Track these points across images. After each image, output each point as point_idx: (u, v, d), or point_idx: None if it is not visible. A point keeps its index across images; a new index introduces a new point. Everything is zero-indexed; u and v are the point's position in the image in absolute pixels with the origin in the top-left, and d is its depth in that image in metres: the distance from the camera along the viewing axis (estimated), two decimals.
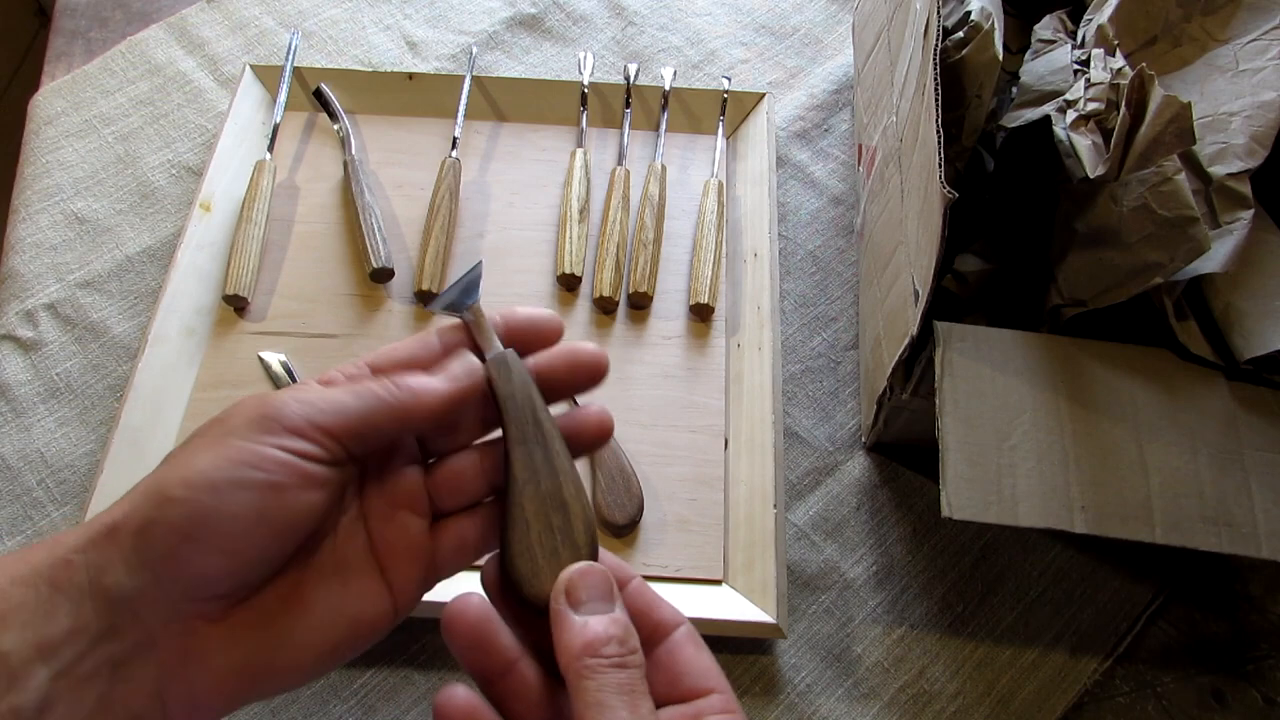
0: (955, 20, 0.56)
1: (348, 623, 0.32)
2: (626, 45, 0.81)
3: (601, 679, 0.29)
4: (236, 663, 0.30)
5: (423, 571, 0.34)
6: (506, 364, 0.34)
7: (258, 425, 0.29)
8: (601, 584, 0.31)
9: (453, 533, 0.34)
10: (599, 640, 0.30)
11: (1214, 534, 0.46)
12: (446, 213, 0.66)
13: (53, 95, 0.75)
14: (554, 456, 0.33)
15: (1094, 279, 0.52)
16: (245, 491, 0.29)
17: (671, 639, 0.33)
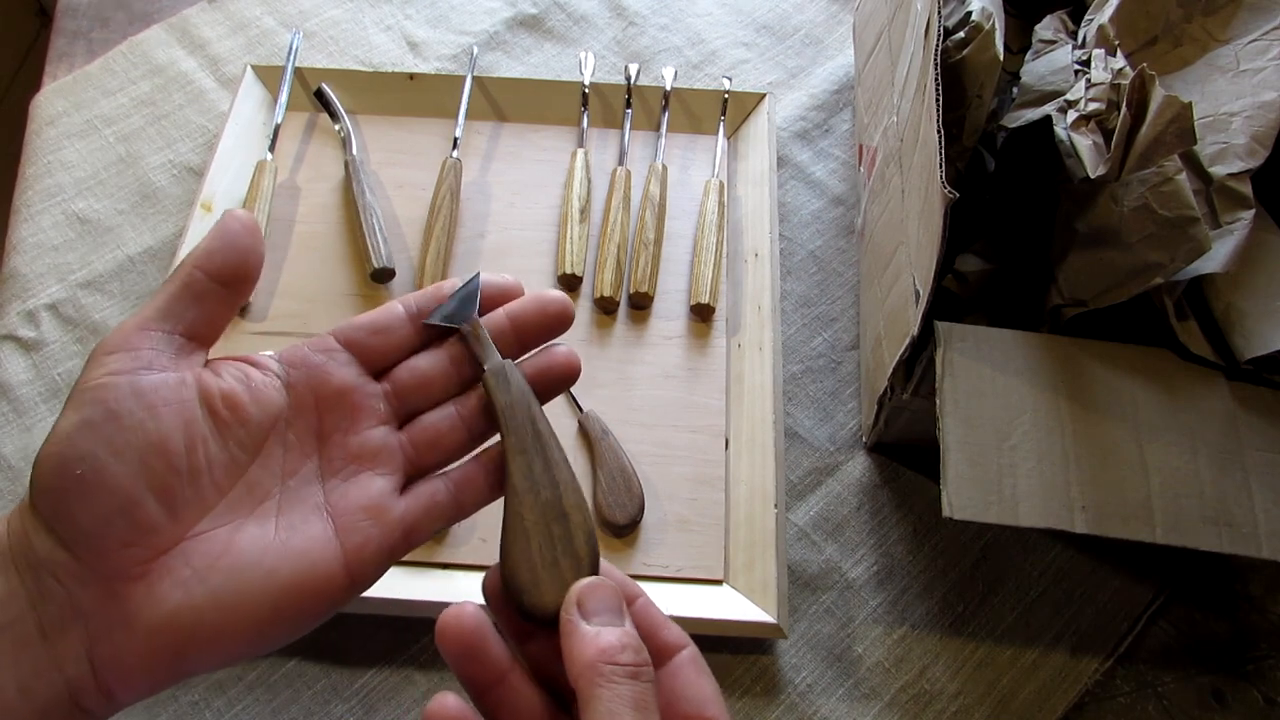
0: (956, 20, 0.56)
1: (289, 585, 0.30)
2: (627, 45, 0.81)
3: (615, 689, 0.28)
4: (162, 621, 0.28)
5: (384, 534, 0.33)
6: (504, 375, 0.34)
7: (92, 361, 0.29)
8: (612, 599, 0.31)
9: (424, 494, 0.34)
10: (612, 649, 0.29)
11: (1214, 534, 0.46)
12: (447, 213, 0.66)
13: (54, 95, 0.75)
14: (553, 467, 0.33)
15: (1094, 279, 0.52)
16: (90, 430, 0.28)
17: (674, 661, 0.33)
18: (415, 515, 0.33)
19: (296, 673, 0.53)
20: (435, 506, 0.34)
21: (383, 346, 0.35)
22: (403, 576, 0.54)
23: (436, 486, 0.34)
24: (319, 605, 0.31)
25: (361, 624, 0.54)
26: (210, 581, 0.29)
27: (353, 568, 0.32)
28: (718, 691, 0.33)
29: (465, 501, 0.34)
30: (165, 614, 0.29)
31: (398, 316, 0.35)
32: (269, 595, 0.30)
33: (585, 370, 0.62)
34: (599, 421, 0.60)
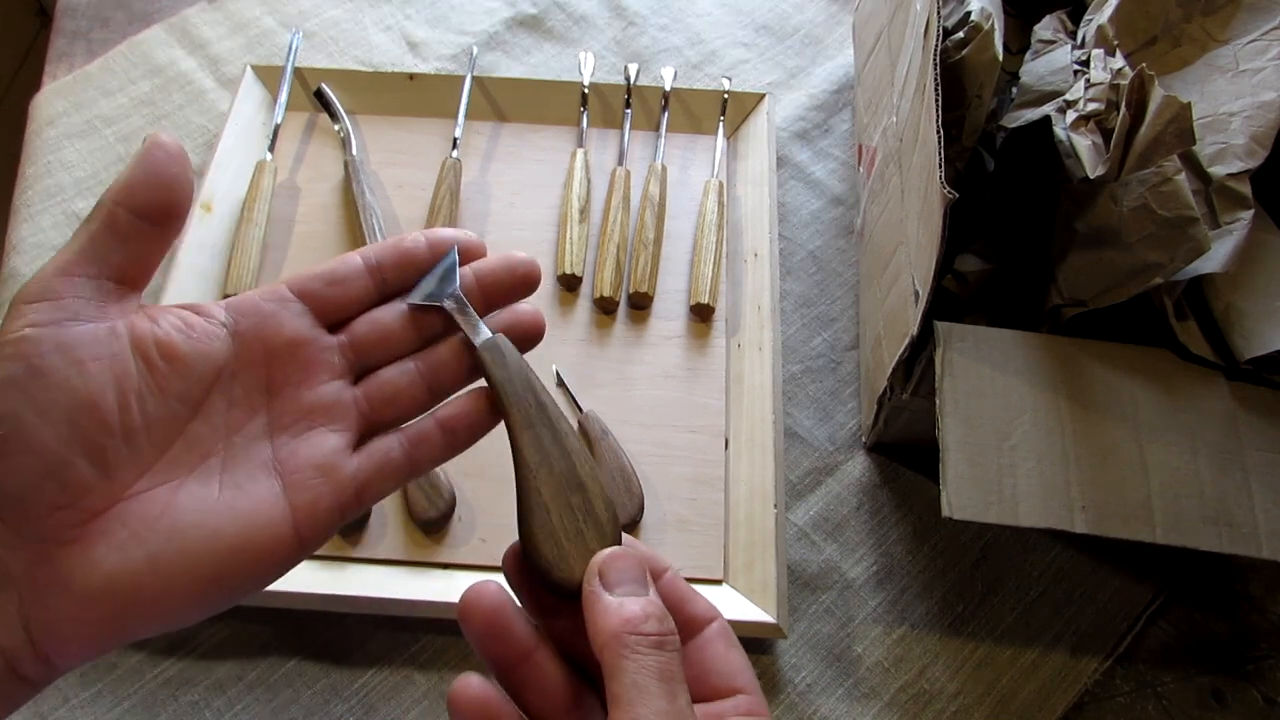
0: (955, 20, 0.56)
1: (234, 546, 0.29)
2: (627, 46, 0.81)
3: (640, 660, 0.28)
4: (98, 585, 0.27)
5: (335, 493, 0.31)
6: (499, 349, 0.34)
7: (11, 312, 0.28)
8: (635, 568, 0.30)
9: (378, 451, 0.32)
10: (637, 618, 0.29)
11: (1214, 534, 0.46)
12: (447, 213, 0.66)
13: (54, 95, 0.75)
14: (562, 437, 0.33)
15: (1094, 279, 0.52)
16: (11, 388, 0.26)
17: (703, 635, 0.32)
18: (368, 474, 0.32)
19: (296, 673, 0.53)
20: (389, 464, 0.32)
21: (339, 298, 0.33)
22: (403, 576, 0.54)
23: (390, 444, 0.33)
24: (266, 567, 0.30)
25: (361, 624, 0.54)
26: (149, 544, 0.28)
27: (302, 528, 0.30)
28: (748, 663, 0.32)
29: (420, 459, 0.33)
30: (102, 578, 0.27)
31: (355, 268, 0.34)
32: (213, 557, 0.28)
33: (585, 370, 0.62)
34: (599, 421, 0.60)
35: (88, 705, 0.51)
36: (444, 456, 0.34)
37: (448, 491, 0.56)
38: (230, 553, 0.29)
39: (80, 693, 0.52)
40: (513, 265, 0.35)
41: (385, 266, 0.34)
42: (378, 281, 0.34)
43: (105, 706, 0.51)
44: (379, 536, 0.56)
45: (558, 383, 0.62)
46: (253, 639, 0.54)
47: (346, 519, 0.32)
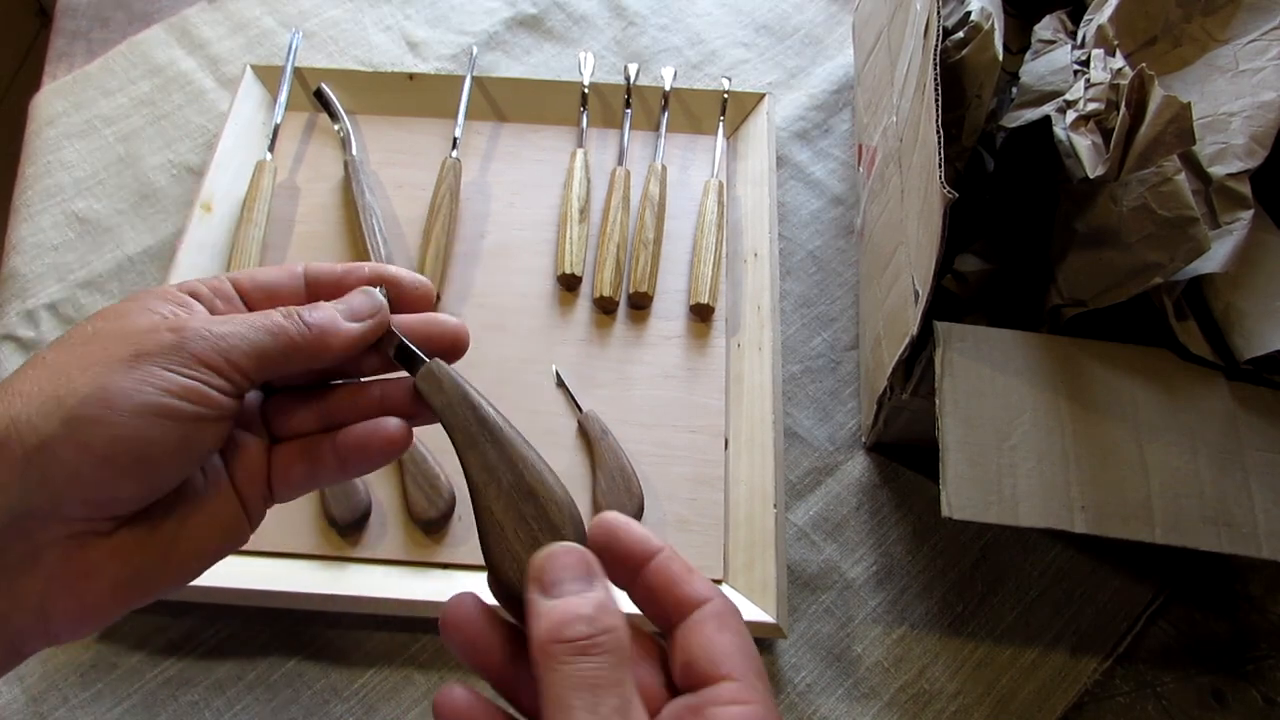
0: (955, 20, 0.56)
1: (220, 532, 0.32)
2: (627, 45, 0.81)
3: (564, 670, 0.26)
4: (125, 576, 0.29)
5: (262, 492, 0.34)
6: (435, 376, 0.34)
7: (176, 355, 0.29)
8: (575, 563, 0.29)
9: (281, 463, 0.34)
10: (562, 622, 0.27)
11: (1214, 534, 0.46)
12: (447, 213, 0.66)
13: (54, 95, 0.75)
14: (506, 447, 0.32)
15: (1094, 279, 0.52)
16: (172, 422, 0.28)
17: (691, 619, 0.30)
18: (277, 476, 0.34)
19: (296, 673, 0.53)
20: (290, 474, 0.34)
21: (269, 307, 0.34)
22: (403, 576, 0.54)
23: (290, 452, 0.34)
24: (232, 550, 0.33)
25: (361, 624, 0.54)
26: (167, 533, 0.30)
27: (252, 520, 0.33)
28: (742, 645, 0.29)
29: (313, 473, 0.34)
30: (130, 569, 0.29)
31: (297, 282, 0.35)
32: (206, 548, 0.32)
33: (585, 370, 0.62)
34: (598, 421, 0.60)
35: (88, 705, 0.51)
36: (339, 477, 0.35)
37: (448, 491, 0.56)
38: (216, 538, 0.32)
39: (80, 693, 0.52)
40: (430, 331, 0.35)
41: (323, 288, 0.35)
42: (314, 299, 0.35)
43: (105, 706, 0.51)
44: (379, 536, 0.56)
45: (558, 382, 0.62)
46: (253, 639, 0.54)
47: (266, 508, 0.34)
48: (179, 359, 0.29)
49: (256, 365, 0.30)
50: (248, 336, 0.30)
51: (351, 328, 0.33)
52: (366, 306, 0.34)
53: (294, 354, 0.31)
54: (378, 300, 0.34)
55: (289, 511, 0.56)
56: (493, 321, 0.65)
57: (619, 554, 0.31)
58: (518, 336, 0.64)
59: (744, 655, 0.29)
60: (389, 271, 0.35)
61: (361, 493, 0.56)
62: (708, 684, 0.28)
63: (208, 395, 0.29)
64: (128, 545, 0.29)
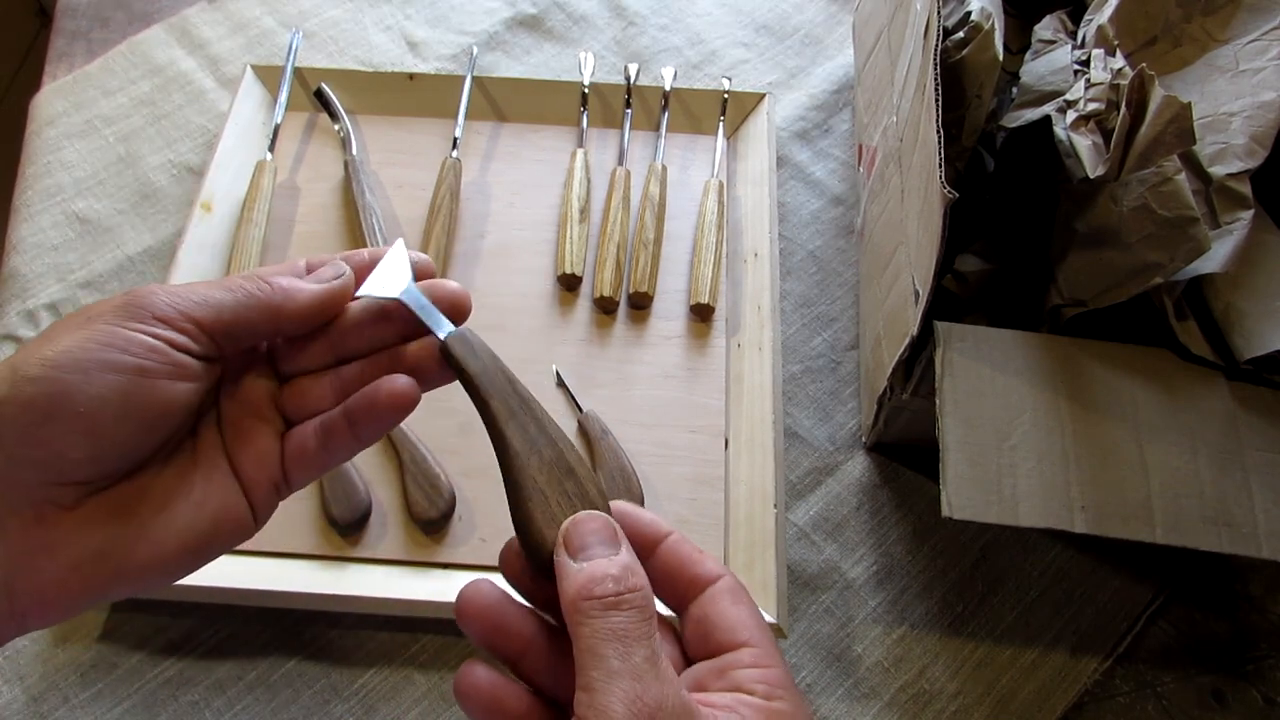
0: (955, 20, 0.56)
1: (209, 522, 0.31)
2: (627, 45, 0.81)
3: (595, 624, 0.28)
4: (89, 553, 0.29)
5: (274, 478, 0.33)
6: (467, 341, 0.33)
7: (125, 311, 0.29)
8: (602, 529, 0.30)
9: (295, 443, 0.34)
10: (592, 580, 0.29)
11: (1214, 534, 0.46)
12: (447, 213, 0.66)
13: (54, 95, 0.75)
14: (545, 425, 0.33)
15: (1094, 279, 0.52)
16: (112, 374, 0.28)
17: (707, 593, 0.32)
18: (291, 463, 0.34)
19: (297, 673, 0.53)
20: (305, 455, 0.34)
21: None
22: (403, 576, 0.54)
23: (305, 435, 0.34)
24: (230, 543, 0.32)
25: (361, 624, 0.54)
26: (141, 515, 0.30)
27: (257, 512, 0.33)
28: (757, 617, 0.31)
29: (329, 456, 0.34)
30: (94, 546, 0.29)
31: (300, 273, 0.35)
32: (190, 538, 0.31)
33: (585, 370, 0.62)
34: (599, 421, 0.60)
35: (88, 705, 0.51)
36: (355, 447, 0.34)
37: (448, 491, 0.56)
38: (203, 528, 0.31)
39: (80, 693, 0.52)
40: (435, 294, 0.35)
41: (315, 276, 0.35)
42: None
43: (105, 706, 0.51)
44: (379, 536, 0.56)
45: (558, 382, 0.62)
46: (253, 639, 0.54)
47: (282, 498, 0.34)
48: (128, 313, 0.29)
49: (212, 319, 0.30)
50: (202, 292, 0.31)
51: (316, 286, 0.33)
52: (330, 272, 0.34)
53: (254, 309, 0.31)
54: (341, 266, 0.34)
55: (289, 511, 0.56)
56: (493, 321, 0.65)
57: (633, 537, 0.32)
58: (518, 336, 0.64)
59: (760, 626, 0.31)
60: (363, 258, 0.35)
61: (362, 493, 0.56)
62: (728, 650, 0.30)
63: (155, 347, 0.29)
64: (91, 520, 0.29)
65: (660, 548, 0.33)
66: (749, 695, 0.29)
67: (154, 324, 0.29)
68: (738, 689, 0.29)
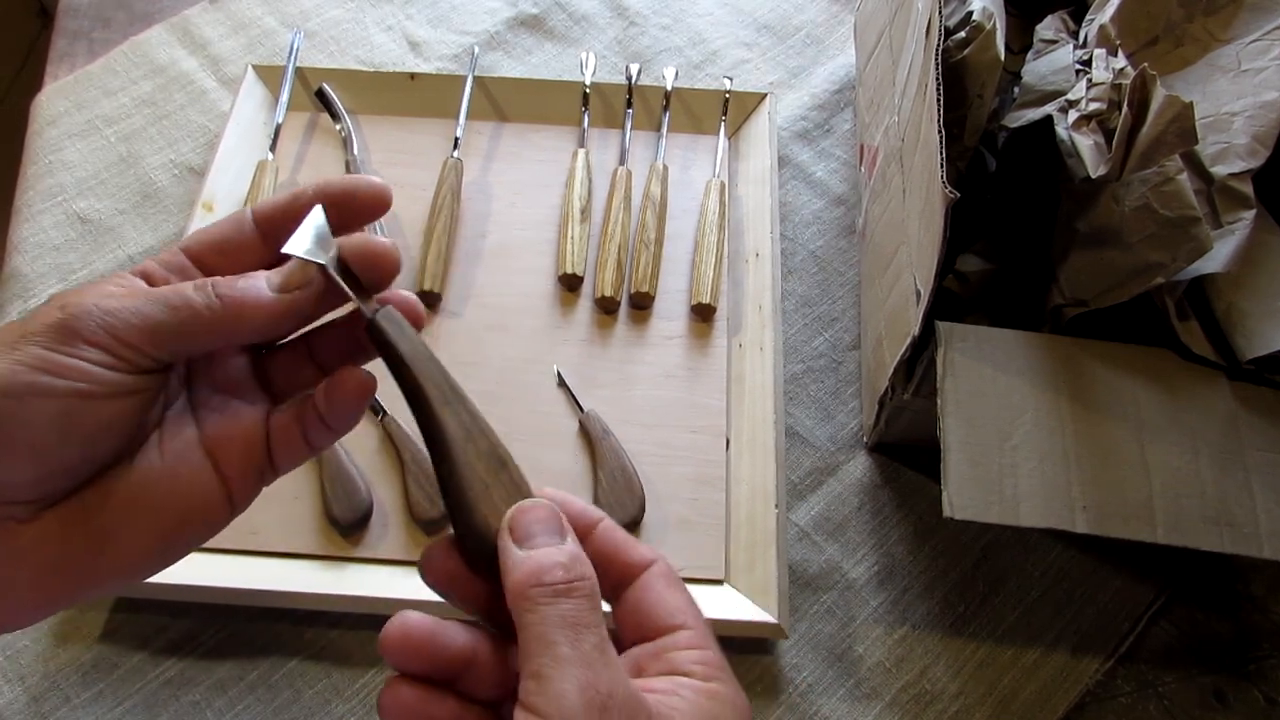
0: (957, 20, 0.56)
1: (177, 516, 0.30)
2: (628, 45, 0.81)
3: (544, 611, 0.27)
4: (53, 561, 0.28)
5: (258, 462, 0.32)
6: (396, 321, 0.31)
7: (56, 334, 0.28)
8: (548, 518, 0.30)
9: (279, 426, 0.32)
10: (540, 569, 0.28)
11: (1216, 534, 0.46)
12: (448, 213, 0.66)
13: (55, 95, 0.75)
14: (476, 414, 0.32)
15: (1096, 279, 0.52)
16: (47, 399, 0.27)
17: (641, 579, 0.32)
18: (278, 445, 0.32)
19: (297, 672, 0.53)
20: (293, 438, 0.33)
21: (232, 268, 0.32)
22: (404, 576, 0.54)
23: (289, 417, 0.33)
24: (205, 535, 0.31)
25: (363, 624, 0.54)
26: (103, 521, 0.29)
27: (235, 498, 0.32)
28: (690, 601, 0.32)
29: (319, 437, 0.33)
30: (57, 554, 0.28)
31: (247, 231, 0.33)
32: (158, 535, 0.30)
33: (586, 370, 0.62)
34: (600, 421, 0.60)
35: (89, 705, 0.51)
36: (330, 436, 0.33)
37: None
38: (171, 523, 0.30)
39: (82, 693, 0.52)
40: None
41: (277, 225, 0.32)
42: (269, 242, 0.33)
43: (106, 706, 0.51)
44: (379, 536, 0.56)
45: (559, 382, 0.62)
46: (253, 639, 0.54)
47: (267, 483, 0.33)
48: (59, 337, 0.28)
49: (150, 340, 0.29)
50: (140, 310, 0.29)
51: (277, 299, 0.30)
52: (297, 276, 0.31)
53: (201, 329, 0.29)
54: (309, 270, 0.31)
55: (290, 512, 0.56)
56: (494, 321, 0.65)
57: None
58: (519, 336, 0.64)
59: (694, 610, 0.31)
60: (334, 186, 0.33)
61: (362, 492, 0.56)
62: (664, 634, 0.31)
63: (85, 371, 0.27)
64: (51, 532, 0.28)
65: (592, 535, 0.32)
66: (686, 677, 0.29)
67: (85, 349, 0.28)
68: (675, 671, 0.29)
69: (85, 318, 0.28)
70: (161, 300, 0.29)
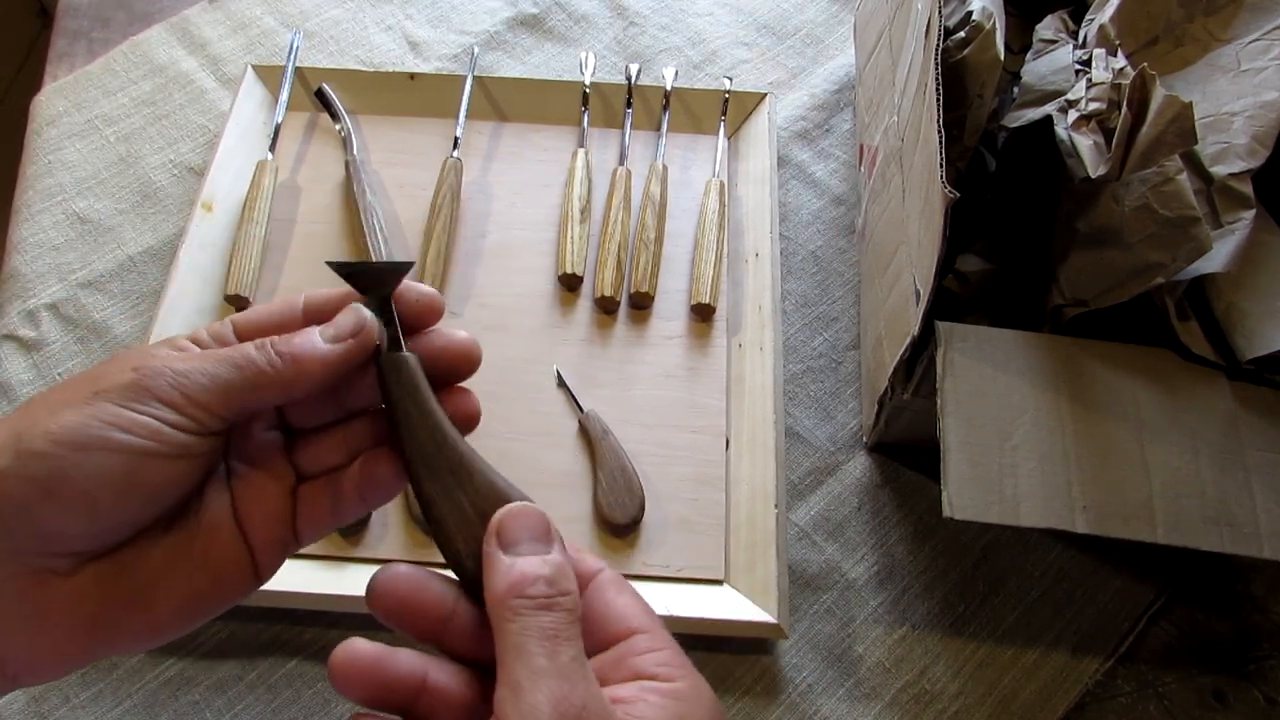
0: (957, 20, 0.56)
1: (208, 582, 0.31)
2: (628, 45, 0.81)
3: (524, 621, 0.28)
4: (84, 619, 0.29)
5: (283, 536, 0.33)
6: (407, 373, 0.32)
7: (129, 391, 0.28)
8: (536, 525, 0.30)
9: (307, 502, 0.33)
10: (525, 580, 0.29)
11: (1216, 534, 0.46)
12: (448, 213, 0.66)
13: (55, 95, 0.75)
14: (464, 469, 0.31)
15: (1096, 279, 0.52)
16: (113, 454, 0.28)
17: (589, 589, 0.32)
18: (303, 521, 0.33)
19: (297, 673, 0.53)
20: (320, 515, 0.33)
21: None
22: None
23: (318, 492, 0.33)
24: (228, 604, 0.32)
25: (363, 624, 0.54)
26: (134, 585, 0.29)
27: (260, 570, 0.32)
28: (642, 603, 0.32)
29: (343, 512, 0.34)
30: (90, 612, 0.29)
31: (296, 317, 0.33)
32: (188, 599, 0.30)
33: (586, 370, 0.62)
34: (599, 421, 0.60)
35: (89, 705, 0.51)
36: (360, 511, 0.34)
37: None
38: (201, 588, 0.31)
39: (81, 693, 0.52)
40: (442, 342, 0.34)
41: (322, 315, 0.33)
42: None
43: (106, 706, 0.51)
44: (379, 536, 0.56)
45: (559, 382, 0.62)
46: (253, 639, 0.54)
47: (289, 554, 0.33)
48: (132, 394, 0.28)
49: (220, 399, 0.29)
50: (209, 370, 0.30)
51: (331, 349, 0.31)
52: (350, 324, 0.32)
53: (264, 385, 0.30)
54: (362, 316, 0.32)
55: None
56: (494, 321, 0.65)
57: None
58: (519, 336, 0.64)
59: (647, 611, 0.32)
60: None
61: None
62: (621, 639, 0.31)
63: (157, 430, 0.28)
64: (89, 587, 0.29)
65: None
66: (650, 680, 0.29)
67: (157, 406, 0.29)
68: (638, 676, 0.30)
69: (158, 377, 0.29)
70: (228, 360, 0.30)
